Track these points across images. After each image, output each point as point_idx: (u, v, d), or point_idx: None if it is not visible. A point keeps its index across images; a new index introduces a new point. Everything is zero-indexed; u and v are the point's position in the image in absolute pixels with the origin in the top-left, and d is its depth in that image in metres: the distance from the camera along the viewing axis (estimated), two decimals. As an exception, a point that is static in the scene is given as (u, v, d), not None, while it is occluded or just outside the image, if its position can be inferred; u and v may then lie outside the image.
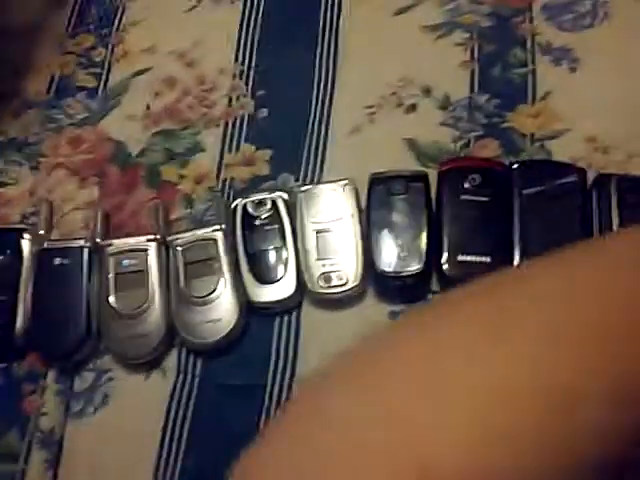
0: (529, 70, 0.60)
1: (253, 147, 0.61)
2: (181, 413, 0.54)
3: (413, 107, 0.60)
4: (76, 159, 0.62)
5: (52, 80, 0.66)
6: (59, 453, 0.54)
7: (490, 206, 0.54)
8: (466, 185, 0.54)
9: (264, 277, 0.55)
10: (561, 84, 0.59)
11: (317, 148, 0.60)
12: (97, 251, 0.56)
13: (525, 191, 0.54)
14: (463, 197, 0.54)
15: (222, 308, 0.54)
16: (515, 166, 0.55)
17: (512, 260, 0.52)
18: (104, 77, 0.65)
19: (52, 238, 0.59)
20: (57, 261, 0.56)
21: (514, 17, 0.62)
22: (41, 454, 0.54)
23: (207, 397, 0.54)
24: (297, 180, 0.60)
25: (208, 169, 0.61)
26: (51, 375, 0.56)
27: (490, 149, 0.58)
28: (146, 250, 0.56)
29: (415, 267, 0.52)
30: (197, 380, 0.54)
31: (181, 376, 0.55)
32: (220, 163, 0.61)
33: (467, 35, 0.62)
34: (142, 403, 0.55)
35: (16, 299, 0.55)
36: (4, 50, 0.66)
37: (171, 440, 0.53)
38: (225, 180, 0.61)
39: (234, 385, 0.54)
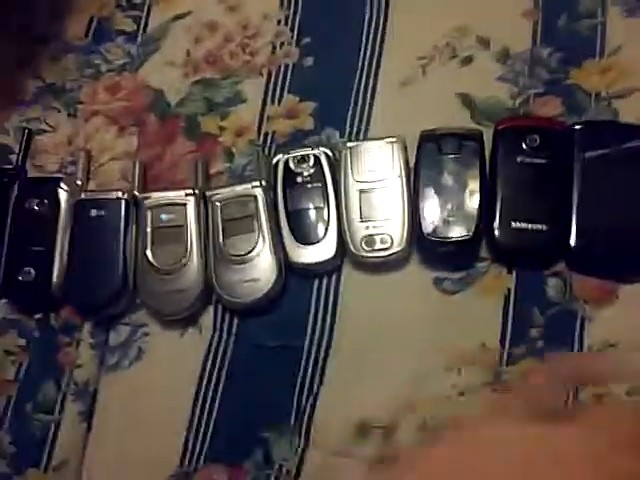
0: (598, 21, 0.55)
1: (297, 99, 0.58)
2: (216, 371, 0.53)
3: (469, 59, 0.56)
4: (114, 107, 0.60)
5: (90, 23, 0.63)
6: (93, 405, 0.54)
7: (548, 169, 0.50)
8: (524, 146, 0.51)
9: (304, 237, 0.52)
10: (634, 38, 0.54)
11: (364, 101, 0.57)
12: (135, 203, 0.55)
13: (587, 154, 0.50)
14: (520, 159, 0.50)
15: (261, 267, 0.52)
16: (577, 127, 0.52)
17: (569, 230, 0.49)
18: (143, 20, 0.62)
19: (89, 189, 0.57)
20: (94, 213, 0.55)
21: (585, -38, 0.57)
22: (76, 406, 0.54)
23: (242, 356, 0.53)
24: (342, 136, 0.57)
25: (249, 121, 0.58)
26: (87, 328, 0.55)
27: (551, 107, 0.54)
28: (185, 204, 0.54)
29: (464, 232, 0.50)
30: (233, 339, 0.53)
31: (217, 334, 0.54)
32: (262, 115, 0.58)
33: (531, -19, 0.58)
34: (177, 359, 0.54)
35: (53, 250, 0.55)
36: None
37: (205, 397, 0.53)
38: (267, 133, 0.58)
39: (270, 345, 0.53)
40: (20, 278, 0.54)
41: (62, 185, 0.56)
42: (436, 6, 0.58)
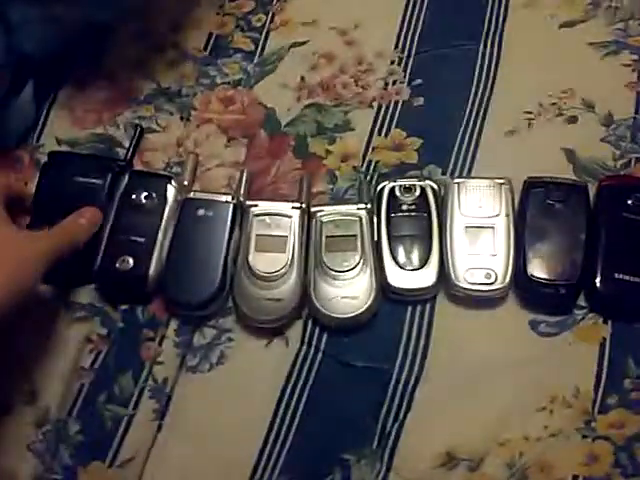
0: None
1: (404, 133, 0.60)
2: (300, 385, 0.53)
3: (574, 119, 0.59)
4: (226, 118, 0.62)
5: (209, 38, 0.66)
6: (167, 405, 0.53)
7: (651, 228, 0.52)
8: (629, 202, 0.53)
9: (404, 263, 0.54)
10: None
11: (469, 144, 0.59)
12: (241, 209, 0.56)
13: (687, 219, 0.53)
14: (625, 214, 0.53)
15: (360, 286, 0.53)
16: (678, 193, 0.54)
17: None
18: (261, 43, 0.65)
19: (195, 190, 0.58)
20: (201, 212, 0.55)
21: (687, 45, 0.61)
22: (151, 403, 0.53)
23: (328, 373, 0.53)
24: (444, 174, 0.59)
25: (355, 149, 0.60)
26: (172, 325, 0.55)
27: (652, 173, 0.56)
28: (290, 217, 0.55)
29: (569, 278, 0.51)
30: (320, 355, 0.53)
31: (304, 348, 0.54)
32: (368, 144, 0.60)
33: (635, 57, 0.61)
34: (259, 369, 0.54)
35: (154, 243, 0.55)
36: (165, 4, 0.67)
37: (285, 411, 0.52)
38: (370, 162, 0.60)
39: (358, 366, 0.53)
40: (117, 266, 0.54)
41: (172, 182, 0.57)
42: (545, 67, 0.62)
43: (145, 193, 0.56)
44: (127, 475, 0.52)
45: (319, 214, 0.56)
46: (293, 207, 0.56)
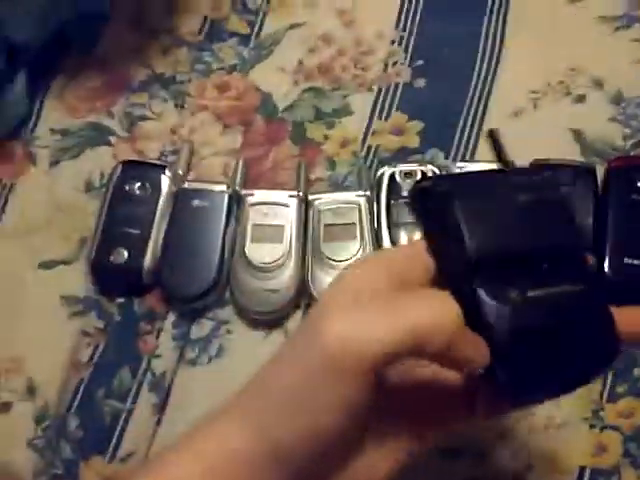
0: None
1: (405, 117, 0.58)
2: (299, 377, 0.52)
3: (582, 98, 0.57)
4: (222, 104, 0.60)
5: (204, 22, 0.64)
6: (167, 399, 0.53)
7: (661, 211, 0.50)
8: (638, 184, 0.51)
9: (406, 251, 0.52)
10: None
11: (472, 127, 0.57)
12: (237, 199, 0.55)
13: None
14: (634, 197, 0.50)
15: (359, 276, 0.52)
16: (690, 173, 0.52)
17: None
18: (257, 25, 0.63)
19: (189, 179, 0.57)
20: (196, 202, 0.54)
21: (701, 18, 0.59)
22: (150, 397, 0.52)
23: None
24: (447, 158, 0.57)
25: (354, 133, 0.58)
26: (170, 318, 0.54)
27: (663, 153, 0.54)
28: (287, 206, 0.54)
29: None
30: (319, 346, 0.52)
31: (304, 339, 0.53)
32: (368, 129, 0.58)
33: (647, 31, 0.59)
34: (259, 361, 0.52)
35: (149, 235, 0.54)
36: (158, -13, 0.65)
37: (285, 404, 0.51)
38: (370, 147, 0.58)
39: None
40: (112, 258, 0.53)
41: (166, 172, 0.56)
42: (552, 44, 0.59)
43: (138, 183, 0.55)
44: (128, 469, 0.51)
45: (317, 202, 0.54)
46: (290, 195, 0.54)
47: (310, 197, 0.55)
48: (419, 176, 0.54)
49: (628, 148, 0.55)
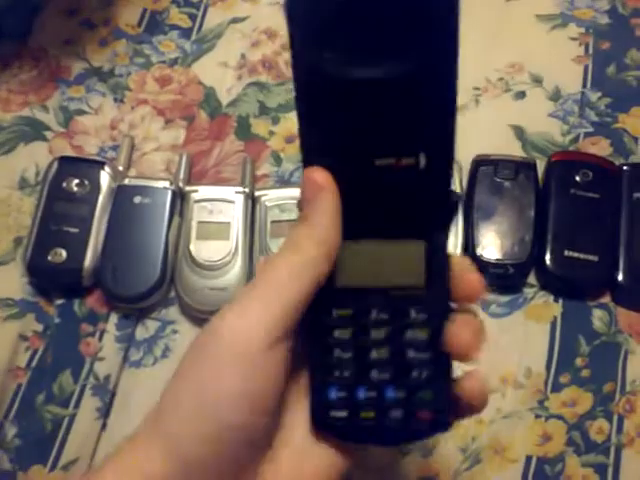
0: (644, 73, 0.59)
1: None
2: (249, 376, 0.51)
3: (522, 94, 0.58)
4: (163, 99, 0.59)
5: (144, 14, 0.62)
6: (111, 403, 0.51)
7: (599, 204, 0.52)
8: (577, 179, 0.52)
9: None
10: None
11: (416, 123, 0.58)
12: (181, 195, 0.54)
13: (635, 194, 0.52)
14: (573, 191, 0.52)
15: (307, 272, 0.51)
16: (626, 168, 0.54)
17: (617, 265, 0.51)
18: (199, 19, 0.62)
19: (130, 176, 0.55)
20: (137, 200, 0.52)
21: (633, 17, 0.61)
22: (93, 401, 0.51)
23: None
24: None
25: (300, 128, 0.58)
26: (113, 319, 0.52)
27: (600, 147, 0.56)
28: (233, 202, 0.53)
29: (518, 257, 0.50)
30: (269, 344, 0.52)
31: (252, 338, 0.52)
32: (313, 124, 0.58)
33: (582, 30, 0.60)
34: (205, 361, 0.52)
35: (88, 233, 0.52)
36: (95, -23, 0.63)
37: (234, 404, 0.50)
38: (316, 142, 0.58)
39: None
40: (49, 258, 0.51)
41: (105, 168, 0.54)
42: (492, 41, 0.60)
43: (76, 180, 0.53)
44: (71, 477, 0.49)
45: (263, 198, 0.53)
46: (236, 192, 0.53)
47: (256, 193, 0.54)
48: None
49: (567, 143, 0.56)
